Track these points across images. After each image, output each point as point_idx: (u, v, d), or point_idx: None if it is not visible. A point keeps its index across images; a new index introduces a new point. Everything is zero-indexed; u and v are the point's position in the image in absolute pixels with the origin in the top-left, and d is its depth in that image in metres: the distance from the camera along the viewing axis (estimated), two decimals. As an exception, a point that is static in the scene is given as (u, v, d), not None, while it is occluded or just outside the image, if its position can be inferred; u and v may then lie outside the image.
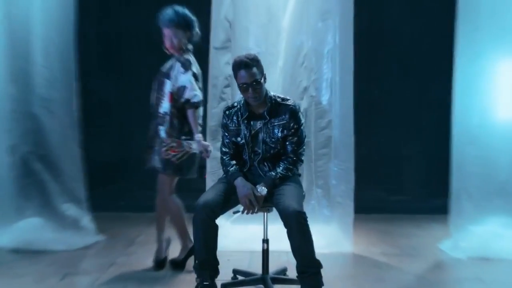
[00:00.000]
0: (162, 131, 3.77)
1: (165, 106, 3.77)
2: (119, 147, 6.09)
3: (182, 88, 3.71)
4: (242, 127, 3.30)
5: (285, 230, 3.10)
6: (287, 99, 3.35)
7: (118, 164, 6.12)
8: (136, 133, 4.04)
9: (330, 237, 4.43)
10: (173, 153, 3.70)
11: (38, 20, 4.46)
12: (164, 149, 3.73)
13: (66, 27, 4.47)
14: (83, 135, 4.70)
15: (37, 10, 4.45)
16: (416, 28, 5.96)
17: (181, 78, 3.72)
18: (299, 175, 3.52)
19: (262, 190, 3.20)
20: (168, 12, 3.78)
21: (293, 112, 3.29)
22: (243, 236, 4.48)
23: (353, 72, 4.39)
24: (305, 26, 4.61)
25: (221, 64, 4.57)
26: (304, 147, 3.38)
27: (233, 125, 3.34)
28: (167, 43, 3.79)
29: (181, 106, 3.74)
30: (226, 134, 3.37)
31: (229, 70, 4.42)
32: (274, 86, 4.23)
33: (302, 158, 3.38)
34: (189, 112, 3.73)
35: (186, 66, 3.73)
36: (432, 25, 5.82)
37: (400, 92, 6.00)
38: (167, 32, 3.77)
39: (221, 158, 3.42)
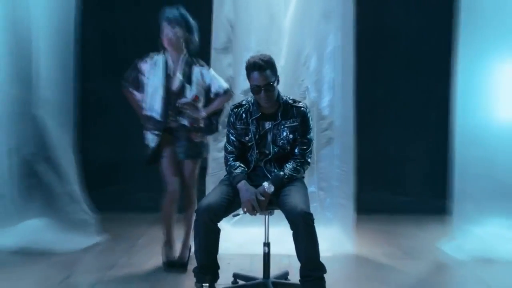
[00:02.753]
0: (185, 121, 3.89)
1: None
2: (120, 147, 6.06)
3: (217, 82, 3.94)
4: (251, 126, 3.28)
5: (286, 233, 3.07)
6: (299, 102, 3.35)
7: (118, 165, 6.12)
8: (137, 132, 4.01)
9: (332, 239, 4.39)
10: (200, 134, 3.89)
11: (39, 18, 4.44)
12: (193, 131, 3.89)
13: (67, 25, 4.44)
14: (84, 135, 4.69)
15: (38, 8, 4.43)
16: (419, 28, 5.94)
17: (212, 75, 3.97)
18: (303, 177, 3.50)
19: (270, 187, 3.17)
20: (173, 10, 3.83)
21: (305, 116, 3.30)
22: (244, 239, 4.45)
23: (354, 73, 4.38)
24: (307, 27, 4.60)
25: (223, 66, 4.56)
26: (311, 150, 3.37)
27: (241, 124, 3.31)
28: (167, 39, 3.81)
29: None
30: (232, 132, 3.35)
31: (230, 72, 4.57)
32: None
33: (309, 161, 3.37)
34: (224, 98, 3.96)
35: (201, 63, 3.92)
36: (435, 25, 5.77)
37: (403, 92, 5.99)
38: (169, 28, 3.80)
39: (225, 157, 3.40)
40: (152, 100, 3.87)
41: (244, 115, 3.32)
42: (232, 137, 3.36)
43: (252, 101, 3.32)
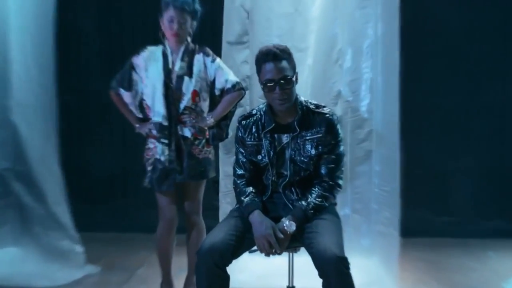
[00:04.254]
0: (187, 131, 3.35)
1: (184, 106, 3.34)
2: (117, 157, 5.60)
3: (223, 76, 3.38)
4: (264, 142, 2.76)
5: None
6: (323, 107, 2.79)
7: (115, 177, 5.66)
8: (135, 139, 3.66)
9: (369, 273, 3.87)
10: (208, 148, 3.38)
11: (16, 13, 3.99)
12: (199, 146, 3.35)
13: (44, 15, 3.94)
14: (71, 144, 4.43)
15: (14, 3, 3.98)
16: (471, 21, 5.33)
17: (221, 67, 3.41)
18: (335, 204, 2.88)
19: (291, 225, 2.62)
20: None
21: (331, 124, 2.74)
22: (263, 271, 3.94)
23: (399, 71, 3.78)
24: (340, 16, 4.09)
25: (237, 63, 4.02)
26: (343, 169, 2.80)
27: (252, 139, 2.80)
28: (172, 30, 3.26)
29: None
30: (242, 151, 2.84)
31: (246, 70, 4.08)
32: (302, 89, 3.69)
33: (341, 183, 2.78)
34: (233, 96, 3.39)
35: (207, 51, 3.37)
36: (489, 19, 5.24)
37: (448, 95, 5.42)
38: (174, 16, 3.25)
39: (234, 182, 2.87)
40: (153, 101, 3.32)
41: (254, 128, 2.80)
42: (241, 157, 2.86)
43: (264, 109, 2.81)
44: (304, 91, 3.84)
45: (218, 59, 3.40)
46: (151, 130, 3.30)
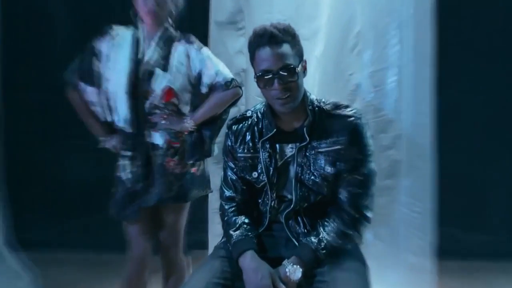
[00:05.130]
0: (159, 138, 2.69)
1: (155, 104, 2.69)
2: (96, 166, 5.05)
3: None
4: (262, 154, 2.18)
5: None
6: (344, 107, 2.18)
7: (94, 188, 5.00)
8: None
9: None
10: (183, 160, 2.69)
11: None
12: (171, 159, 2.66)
13: None
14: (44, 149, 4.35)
15: None
16: None
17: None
18: (361, 242, 2.22)
19: (295, 271, 2.03)
20: None
21: (356, 131, 2.13)
22: None
23: (433, 60, 3.30)
24: None
25: (229, 51, 3.46)
26: (372, 195, 2.19)
27: (245, 151, 2.23)
28: (147, 8, 2.63)
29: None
30: (232, 165, 2.26)
31: (242, 62, 3.50)
32: (309, 83, 3.10)
33: (369, 215, 2.16)
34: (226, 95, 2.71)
35: (192, 39, 2.73)
36: None
37: (483, 93, 4.94)
38: None
39: (221, 207, 2.28)
40: (115, 101, 2.64)
41: (249, 136, 2.22)
42: (230, 174, 2.26)
43: (262, 111, 2.23)
44: (312, 86, 3.22)
45: (205, 48, 2.72)
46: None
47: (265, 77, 2.03)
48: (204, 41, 3.28)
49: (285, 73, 2.02)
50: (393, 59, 3.41)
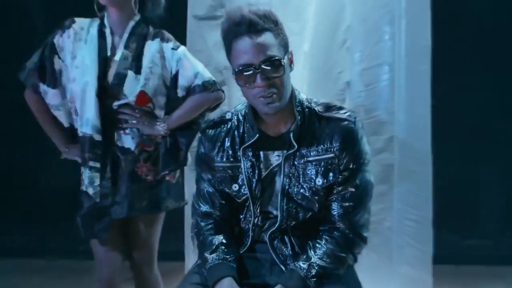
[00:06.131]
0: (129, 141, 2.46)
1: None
2: (76, 170, 5.11)
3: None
4: (243, 163, 1.95)
5: None
6: (337, 108, 1.96)
7: (74, 192, 5.18)
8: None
9: None
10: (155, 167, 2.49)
11: None
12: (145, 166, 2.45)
13: None
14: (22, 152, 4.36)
15: None
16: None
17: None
18: (355, 261, 1.98)
19: None
20: None
21: (351, 137, 1.91)
22: None
23: (430, 56, 3.20)
24: None
25: (208, 46, 3.24)
26: (368, 211, 1.94)
27: (224, 159, 1.98)
28: None
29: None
30: (208, 177, 2.00)
31: (222, 59, 3.22)
32: (297, 80, 2.87)
33: (365, 234, 1.93)
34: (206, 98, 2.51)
35: (167, 37, 2.49)
36: None
37: (476, 93, 4.83)
38: None
39: (196, 225, 2.01)
40: (82, 104, 2.37)
41: (228, 142, 1.97)
42: (206, 187, 2.00)
43: (243, 113, 1.99)
44: (300, 84, 3.07)
45: (182, 47, 2.48)
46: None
47: (245, 73, 1.79)
48: (183, 37, 3.10)
49: (269, 67, 1.78)
50: (385, 56, 3.29)
